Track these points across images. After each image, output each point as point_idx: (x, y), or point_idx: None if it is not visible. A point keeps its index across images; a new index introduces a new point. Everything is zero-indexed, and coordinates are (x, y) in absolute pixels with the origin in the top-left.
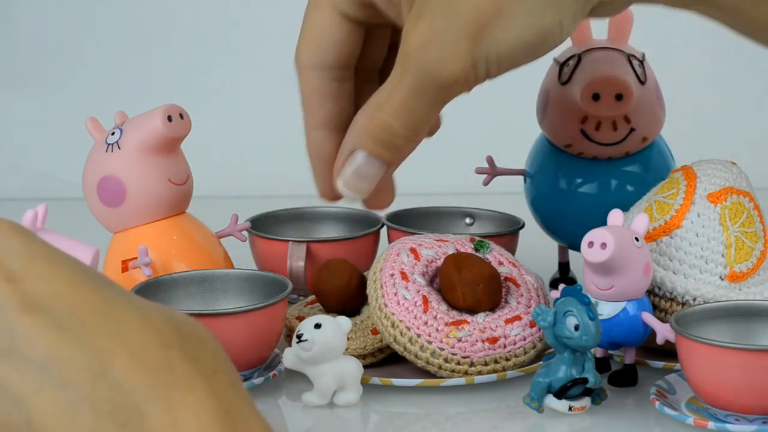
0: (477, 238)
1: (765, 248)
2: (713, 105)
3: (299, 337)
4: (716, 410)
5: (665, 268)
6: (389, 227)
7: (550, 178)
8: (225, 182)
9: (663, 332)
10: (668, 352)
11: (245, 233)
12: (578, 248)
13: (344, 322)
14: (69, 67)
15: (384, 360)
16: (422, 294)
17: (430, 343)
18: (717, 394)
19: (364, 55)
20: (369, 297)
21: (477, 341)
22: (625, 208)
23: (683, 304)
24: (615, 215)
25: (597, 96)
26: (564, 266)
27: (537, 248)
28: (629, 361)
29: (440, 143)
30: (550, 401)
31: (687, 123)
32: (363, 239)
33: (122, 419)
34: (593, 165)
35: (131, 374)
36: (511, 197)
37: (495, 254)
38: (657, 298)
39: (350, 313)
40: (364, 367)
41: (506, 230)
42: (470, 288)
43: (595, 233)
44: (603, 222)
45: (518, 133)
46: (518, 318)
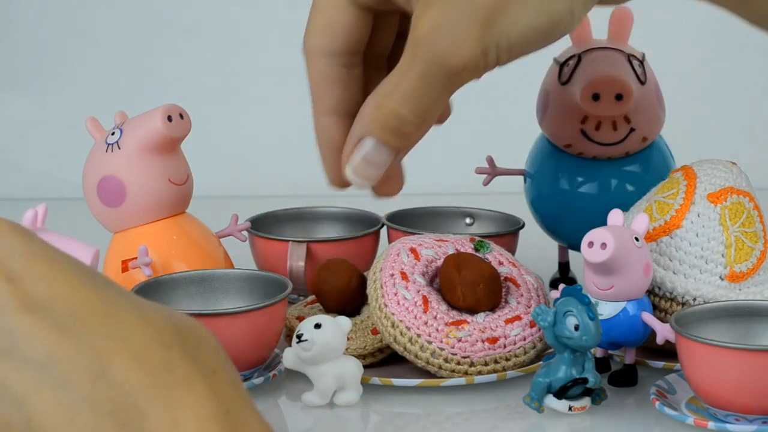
0: (477, 238)
1: (765, 248)
2: (713, 105)
3: (299, 337)
4: (716, 410)
5: (665, 268)
6: (389, 227)
7: (550, 178)
8: (225, 182)
9: (663, 332)
10: (668, 352)
11: (245, 233)
12: (578, 248)
13: (344, 322)
14: (69, 67)
15: (384, 360)
16: (422, 294)
17: (430, 343)
18: (717, 394)
19: (373, 42)
20: (369, 297)
21: (477, 341)
22: (625, 208)
23: (683, 304)
24: (615, 215)
25: (597, 96)
26: (564, 266)
27: (537, 248)
28: (629, 361)
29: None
30: (550, 401)
31: (687, 123)
32: (363, 239)
33: (122, 419)
34: (593, 165)
35: (131, 374)
36: (511, 197)
37: (495, 254)
38: (657, 298)
39: (350, 313)
40: (364, 367)
41: (506, 230)
42: (470, 288)
43: (595, 233)
44: (603, 222)
45: (518, 133)
46: (518, 318)
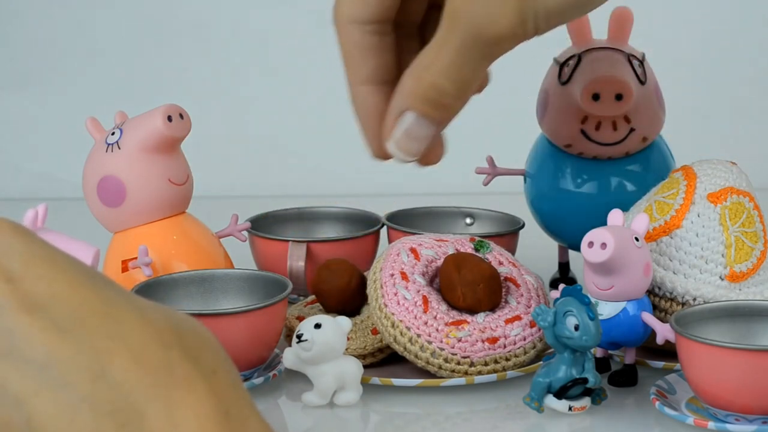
0: (477, 238)
1: (765, 248)
2: (713, 105)
3: (299, 337)
4: (716, 410)
5: (665, 268)
6: (389, 227)
7: (550, 178)
8: (225, 182)
9: (663, 332)
10: (668, 352)
11: (245, 233)
12: (578, 248)
13: (344, 322)
14: (69, 67)
15: (384, 360)
16: (422, 294)
17: (430, 343)
18: (717, 394)
19: (404, 10)
20: (369, 297)
21: (477, 341)
22: (625, 208)
23: (683, 304)
24: (615, 215)
25: (597, 96)
26: (564, 266)
27: (537, 248)
28: (629, 361)
29: None
30: (550, 401)
31: (687, 123)
32: (363, 239)
33: (122, 419)
34: (593, 165)
35: (131, 374)
36: (511, 197)
37: (495, 254)
38: (657, 298)
39: (350, 313)
40: (364, 367)
41: (506, 230)
42: (470, 288)
43: (595, 233)
44: (603, 222)
45: (518, 133)
46: (518, 318)
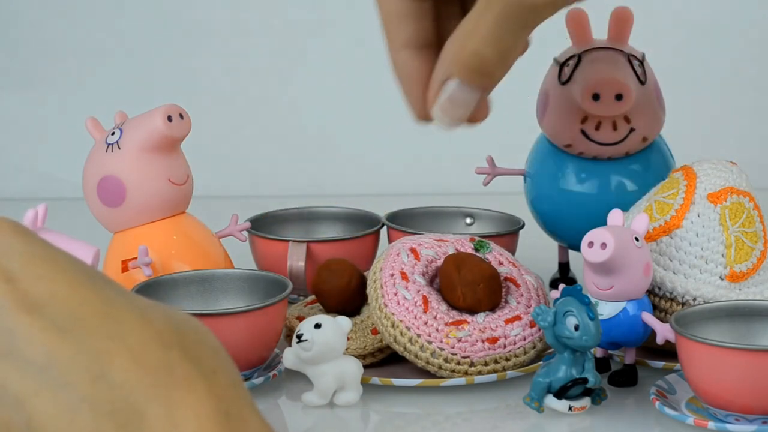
0: (477, 238)
1: (765, 248)
2: (713, 105)
3: (299, 337)
4: (716, 410)
5: (665, 268)
6: (389, 227)
7: (550, 178)
8: (225, 182)
9: (663, 332)
10: (668, 352)
11: (245, 233)
12: (578, 248)
13: (344, 322)
14: (69, 68)
15: (384, 360)
16: (422, 294)
17: (430, 343)
18: (717, 394)
19: None
20: (369, 297)
21: (477, 341)
22: (625, 208)
23: (683, 304)
24: (615, 215)
25: (597, 96)
26: (564, 266)
27: (537, 248)
28: (629, 361)
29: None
30: (550, 401)
31: (687, 123)
32: (363, 239)
33: (122, 420)
34: (593, 165)
35: (131, 375)
36: (511, 197)
37: (495, 254)
38: (657, 298)
39: (350, 313)
40: (364, 367)
41: (506, 230)
42: (470, 288)
43: (595, 233)
44: (603, 222)
45: (518, 133)
46: (518, 318)
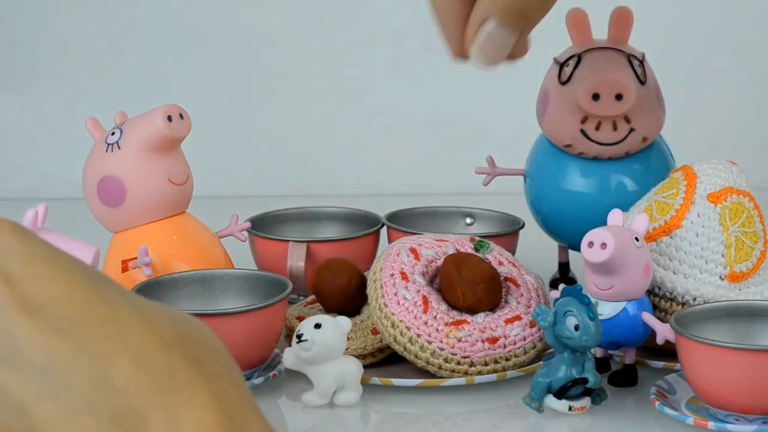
0: (477, 238)
1: (765, 248)
2: (713, 105)
3: (299, 337)
4: (716, 410)
5: (665, 268)
6: (389, 227)
7: (550, 178)
8: (225, 182)
9: (663, 332)
10: (668, 352)
11: (245, 233)
12: (578, 248)
13: (344, 322)
14: (69, 67)
15: (384, 360)
16: (422, 294)
17: (430, 343)
18: (717, 394)
19: None
20: (369, 297)
21: (477, 341)
22: (625, 208)
23: (683, 304)
24: (615, 215)
25: (597, 96)
26: (564, 266)
27: (537, 248)
28: (629, 361)
29: (440, 143)
30: (550, 401)
31: (687, 123)
32: (363, 239)
33: (124, 425)
34: (593, 165)
35: (132, 378)
36: (511, 197)
37: (495, 254)
38: (657, 298)
39: (350, 313)
40: (364, 367)
41: (506, 230)
42: (470, 288)
43: (595, 233)
44: (603, 222)
45: (518, 133)
46: (518, 318)
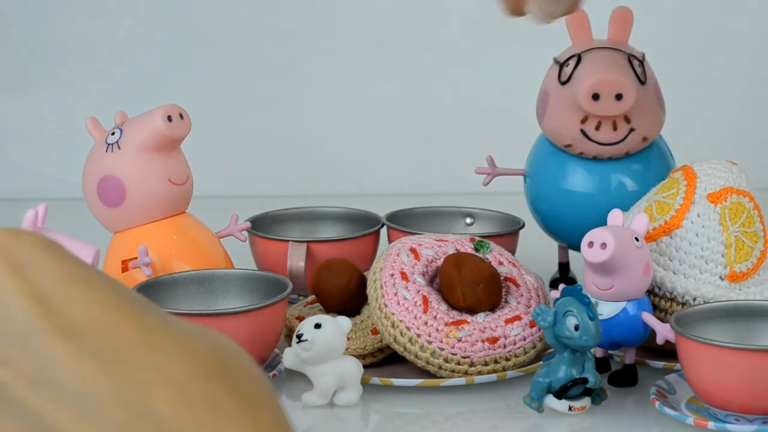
0: (477, 238)
1: (765, 248)
2: (713, 105)
3: (299, 337)
4: (716, 410)
5: (665, 268)
6: (389, 227)
7: (550, 178)
8: (225, 182)
9: (663, 332)
10: (668, 352)
11: (245, 233)
12: (578, 248)
13: (344, 322)
14: (69, 67)
15: (384, 360)
16: (422, 294)
17: (430, 343)
18: (717, 394)
19: None
20: (369, 297)
21: (477, 341)
22: (625, 208)
23: (683, 304)
24: (615, 215)
25: (597, 96)
26: (564, 266)
27: (537, 248)
28: (629, 361)
29: (440, 143)
30: (550, 401)
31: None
32: (363, 239)
33: None
34: (593, 165)
35: (174, 410)
36: (511, 197)
37: (495, 254)
38: (657, 298)
39: (350, 313)
40: (364, 367)
41: (506, 230)
42: (470, 288)
43: (595, 233)
44: (603, 222)
45: (518, 133)
46: (518, 318)
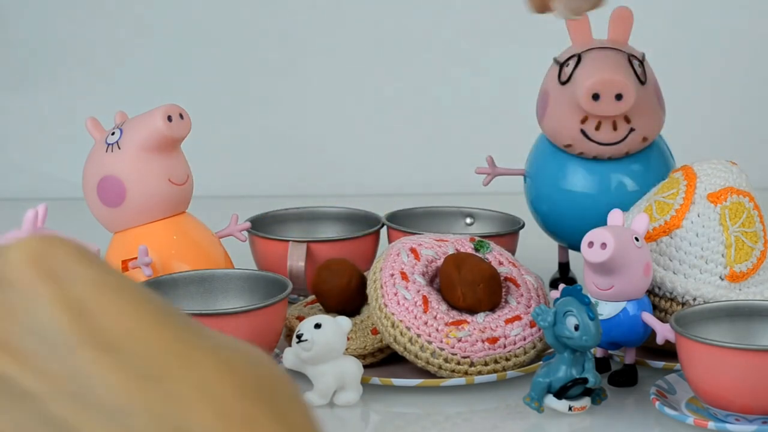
0: (477, 238)
1: (765, 248)
2: (713, 105)
3: (299, 337)
4: (716, 410)
5: (665, 268)
6: (389, 227)
7: (550, 178)
8: (225, 182)
9: (663, 332)
10: (668, 352)
11: (245, 233)
12: (578, 248)
13: (344, 322)
14: (69, 67)
15: (384, 360)
16: (422, 294)
17: (430, 343)
18: (717, 394)
19: None
20: (369, 297)
21: (477, 341)
22: (625, 208)
23: (683, 304)
24: (615, 215)
25: (597, 96)
26: (564, 266)
27: (537, 248)
28: (629, 361)
29: (440, 143)
30: (550, 401)
31: (687, 123)
32: (363, 239)
33: None
34: (593, 165)
35: (211, 429)
36: (511, 197)
37: (495, 254)
38: (657, 298)
39: (350, 313)
40: (364, 367)
41: (506, 230)
42: (470, 288)
43: (595, 233)
44: (603, 222)
45: (518, 133)
46: (518, 318)
